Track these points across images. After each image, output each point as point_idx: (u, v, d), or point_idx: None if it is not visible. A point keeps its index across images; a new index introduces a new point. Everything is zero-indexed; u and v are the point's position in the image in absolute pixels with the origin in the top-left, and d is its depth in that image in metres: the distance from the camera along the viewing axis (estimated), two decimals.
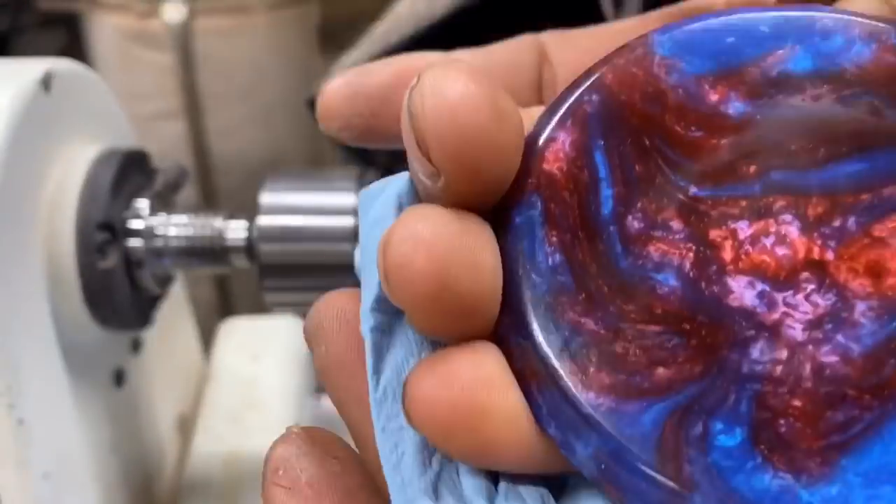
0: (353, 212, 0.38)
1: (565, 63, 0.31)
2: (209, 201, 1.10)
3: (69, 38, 1.56)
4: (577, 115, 0.18)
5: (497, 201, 0.18)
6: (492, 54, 0.30)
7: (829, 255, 0.16)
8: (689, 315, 0.16)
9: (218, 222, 0.41)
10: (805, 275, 0.16)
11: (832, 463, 0.15)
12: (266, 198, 0.39)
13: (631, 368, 0.16)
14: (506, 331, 0.17)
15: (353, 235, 0.38)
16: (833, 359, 0.16)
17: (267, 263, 0.38)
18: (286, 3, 1.07)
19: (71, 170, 0.39)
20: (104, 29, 1.12)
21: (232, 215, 0.41)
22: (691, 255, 0.17)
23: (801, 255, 0.16)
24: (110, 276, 0.38)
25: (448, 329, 0.17)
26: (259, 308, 0.47)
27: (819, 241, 0.16)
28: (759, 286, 0.16)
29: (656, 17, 0.27)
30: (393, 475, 0.18)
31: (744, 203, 0.17)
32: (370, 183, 0.38)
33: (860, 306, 0.16)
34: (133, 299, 0.40)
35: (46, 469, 0.38)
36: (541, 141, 0.18)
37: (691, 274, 0.17)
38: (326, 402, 0.71)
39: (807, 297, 0.16)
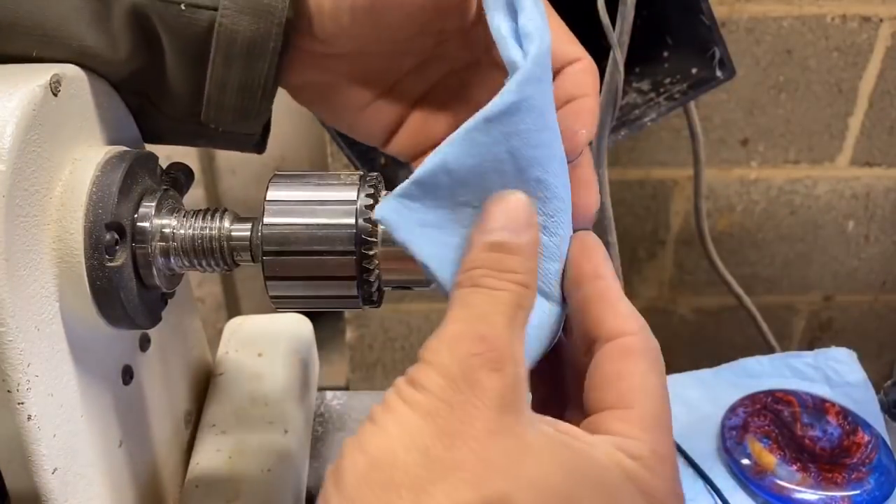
0: (357, 212, 0.38)
1: None
2: (215, 202, 1.11)
3: None
4: None
5: None
6: None
7: None
8: None
9: (224, 223, 0.41)
10: None
11: None
12: (271, 198, 0.39)
13: None
14: None
15: (356, 236, 0.38)
16: None
17: (271, 263, 0.39)
18: None
19: (80, 171, 0.39)
20: None
21: (237, 216, 0.41)
22: None
23: None
24: (118, 276, 0.39)
25: None
26: (264, 307, 0.48)
27: None
28: None
29: None
30: None
31: None
32: (372, 184, 0.39)
33: None
34: (141, 298, 0.41)
35: (55, 464, 0.38)
36: None
37: None
38: (329, 399, 0.72)
39: None
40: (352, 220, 0.38)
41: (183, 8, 0.38)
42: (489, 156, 0.32)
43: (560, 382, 0.37)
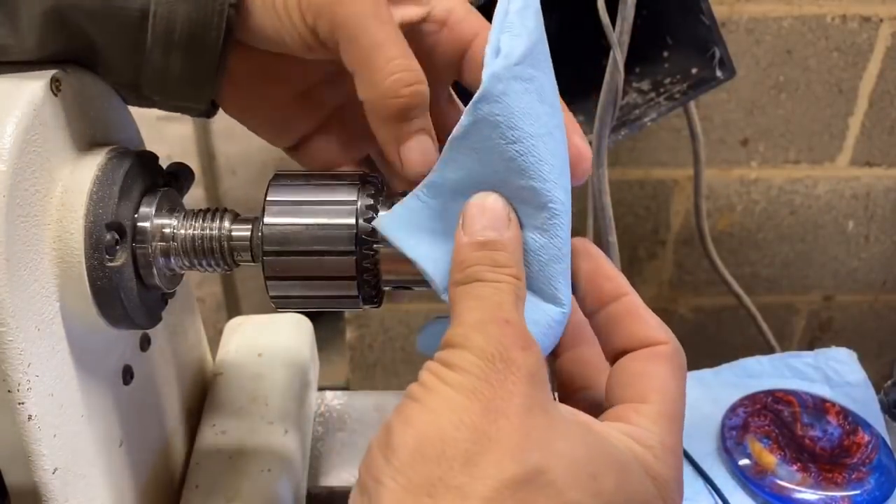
0: (357, 212, 0.38)
1: None
2: (215, 202, 1.11)
3: None
4: None
5: None
6: None
7: None
8: None
9: (224, 222, 0.41)
10: None
11: None
12: (271, 198, 0.39)
13: None
14: None
15: (356, 236, 0.38)
16: None
17: (272, 263, 0.38)
18: None
19: (80, 171, 0.39)
20: None
21: (237, 215, 0.41)
22: None
23: None
24: (119, 276, 0.39)
25: None
26: (264, 307, 0.48)
27: None
28: None
29: None
30: None
31: None
32: (373, 184, 0.39)
33: None
34: (141, 298, 0.41)
35: (55, 464, 0.38)
36: None
37: None
38: (329, 399, 0.72)
39: None
40: (352, 220, 0.38)
41: None
42: (467, 169, 0.35)
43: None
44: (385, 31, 0.35)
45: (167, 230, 0.41)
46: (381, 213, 0.37)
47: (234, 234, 0.41)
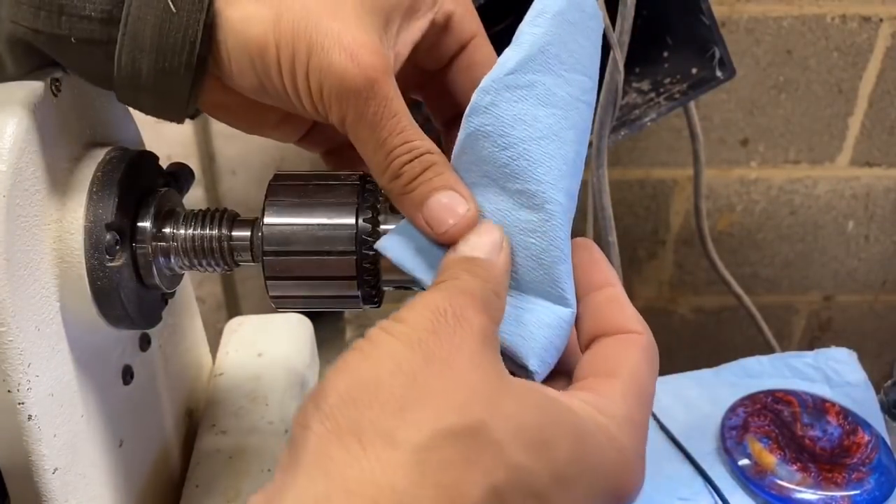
0: (357, 212, 0.38)
1: None
2: (215, 202, 1.11)
3: None
4: None
5: None
6: None
7: None
8: None
9: (224, 223, 0.41)
10: None
11: None
12: (271, 198, 0.39)
13: None
14: None
15: (356, 236, 0.38)
16: None
17: (272, 263, 0.38)
18: None
19: (80, 171, 0.39)
20: None
21: (237, 216, 0.41)
22: None
23: None
24: (119, 276, 0.39)
25: None
26: (264, 307, 0.48)
27: None
28: None
29: None
30: None
31: None
32: (372, 184, 0.39)
33: None
34: (141, 298, 0.41)
35: (55, 464, 0.39)
36: None
37: None
38: None
39: None
40: (352, 220, 0.38)
41: (73, 41, 0.35)
42: (467, 181, 0.36)
43: None
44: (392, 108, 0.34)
45: (167, 230, 0.41)
46: (382, 237, 0.37)
47: (233, 234, 0.41)
